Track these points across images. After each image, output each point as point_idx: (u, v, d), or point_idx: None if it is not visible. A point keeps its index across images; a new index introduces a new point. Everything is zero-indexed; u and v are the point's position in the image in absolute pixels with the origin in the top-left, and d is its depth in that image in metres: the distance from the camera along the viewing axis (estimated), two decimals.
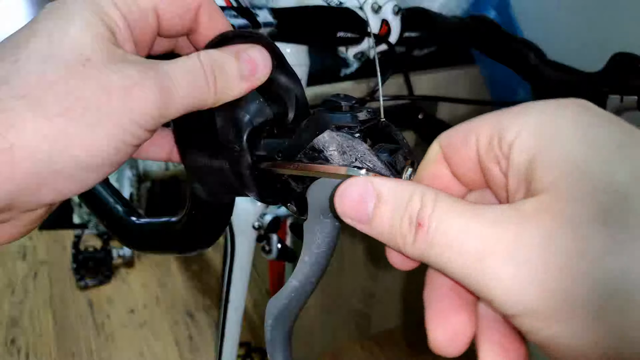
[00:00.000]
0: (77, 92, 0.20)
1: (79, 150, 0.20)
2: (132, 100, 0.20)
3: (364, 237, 0.87)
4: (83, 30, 0.20)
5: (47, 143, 0.19)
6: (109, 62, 0.20)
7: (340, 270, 1.12)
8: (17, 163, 0.19)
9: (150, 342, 1.29)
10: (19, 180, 0.19)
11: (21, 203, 0.20)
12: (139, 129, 0.21)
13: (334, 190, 0.21)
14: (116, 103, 0.20)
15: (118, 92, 0.20)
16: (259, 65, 0.24)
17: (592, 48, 0.84)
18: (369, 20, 0.54)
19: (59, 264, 1.50)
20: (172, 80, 0.22)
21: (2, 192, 0.19)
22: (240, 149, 0.25)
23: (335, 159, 0.22)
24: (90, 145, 0.20)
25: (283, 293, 0.25)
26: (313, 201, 0.23)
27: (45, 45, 0.20)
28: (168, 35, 0.25)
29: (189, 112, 0.23)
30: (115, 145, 0.21)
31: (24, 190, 0.20)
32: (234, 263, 0.71)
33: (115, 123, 0.20)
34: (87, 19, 0.21)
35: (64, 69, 0.20)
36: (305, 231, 0.24)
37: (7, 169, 0.19)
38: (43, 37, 0.20)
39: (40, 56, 0.20)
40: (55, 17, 0.21)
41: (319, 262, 0.24)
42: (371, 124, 0.23)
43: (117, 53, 0.21)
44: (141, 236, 0.44)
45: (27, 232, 0.23)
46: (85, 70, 0.20)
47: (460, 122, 0.21)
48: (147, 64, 0.21)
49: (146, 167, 1.33)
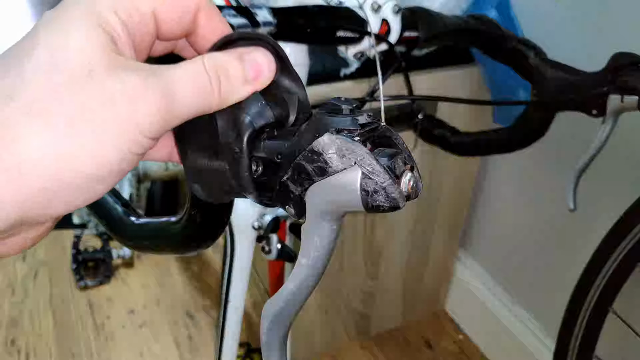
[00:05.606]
0: (81, 104, 0.20)
1: (87, 162, 0.20)
2: (136, 110, 0.20)
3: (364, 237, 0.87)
4: (84, 40, 0.20)
5: (55, 157, 0.19)
6: (112, 71, 0.20)
7: (340, 270, 1.12)
8: (26, 179, 0.19)
9: (150, 342, 1.29)
10: (29, 196, 0.19)
11: (32, 217, 0.20)
12: (145, 137, 0.21)
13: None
14: (121, 113, 0.20)
15: (122, 102, 0.20)
16: (263, 69, 0.24)
17: (592, 48, 0.84)
18: (368, 20, 0.54)
19: (58, 264, 1.50)
20: (176, 87, 0.21)
21: (13, 208, 0.19)
22: (241, 151, 0.25)
23: (334, 162, 0.22)
24: (98, 157, 0.20)
25: (280, 296, 0.25)
26: (312, 204, 0.23)
27: (47, 58, 0.20)
28: (167, 39, 0.25)
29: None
30: (121, 155, 0.21)
31: (34, 205, 0.20)
32: (233, 263, 0.71)
33: (121, 133, 0.20)
34: (87, 28, 0.20)
35: (68, 82, 0.20)
36: (303, 234, 0.24)
37: (17, 185, 0.19)
38: (45, 50, 0.20)
39: (43, 69, 0.20)
40: (55, 27, 0.21)
41: (316, 266, 0.24)
42: (371, 127, 0.23)
43: (119, 61, 0.21)
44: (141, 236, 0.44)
45: (35, 243, 0.24)
46: (88, 82, 0.20)
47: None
48: (150, 71, 0.21)
49: (146, 167, 1.33)
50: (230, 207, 0.39)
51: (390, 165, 0.22)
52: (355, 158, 0.21)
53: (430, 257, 1.25)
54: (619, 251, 0.66)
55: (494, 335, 1.24)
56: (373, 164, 0.21)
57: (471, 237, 1.29)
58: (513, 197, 1.15)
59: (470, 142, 0.68)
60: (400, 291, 1.27)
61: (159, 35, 0.24)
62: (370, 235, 1.11)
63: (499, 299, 1.22)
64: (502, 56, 0.62)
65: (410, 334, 1.32)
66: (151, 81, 0.21)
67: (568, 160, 0.68)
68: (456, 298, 1.35)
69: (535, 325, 1.14)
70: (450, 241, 1.26)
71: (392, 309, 1.30)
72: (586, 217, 0.89)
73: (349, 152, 0.22)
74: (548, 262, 1.09)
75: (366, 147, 0.22)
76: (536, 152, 0.71)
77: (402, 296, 1.28)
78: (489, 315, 1.23)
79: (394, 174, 0.22)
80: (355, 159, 0.21)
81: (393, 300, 1.28)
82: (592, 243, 0.69)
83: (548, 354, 1.06)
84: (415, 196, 0.23)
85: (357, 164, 0.21)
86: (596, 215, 0.89)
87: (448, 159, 1.04)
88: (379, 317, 1.29)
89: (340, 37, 0.53)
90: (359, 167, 0.21)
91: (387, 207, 0.22)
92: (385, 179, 0.21)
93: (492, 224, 1.22)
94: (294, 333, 1.12)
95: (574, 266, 0.72)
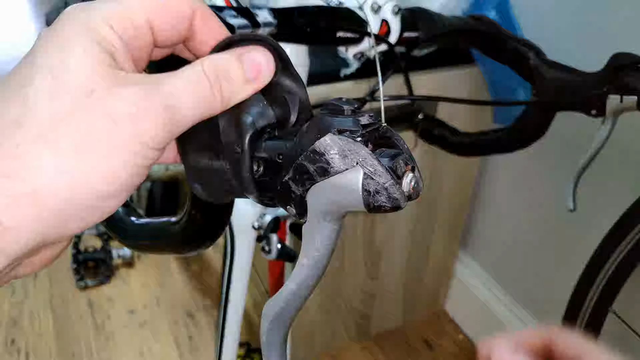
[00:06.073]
0: (86, 125, 0.20)
1: (98, 181, 0.20)
2: (140, 126, 0.20)
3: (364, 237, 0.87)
4: (83, 59, 0.20)
5: (66, 180, 0.20)
6: (112, 89, 0.20)
7: (340, 271, 1.13)
8: (41, 204, 0.19)
9: (150, 342, 1.29)
10: (46, 220, 0.20)
11: (49, 239, 0.21)
12: (150, 150, 0.21)
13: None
14: (125, 131, 0.20)
15: (126, 120, 0.20)
16: (263, 67, 0.24)
17: (592, 48, 0.84)
18: (368, 20, 0.54)
19: (59, 264, 1.50)
20: (178, 97, 0.22)
21: (31, 233, 0.20)
22: (242, 151, 0.25)
23: (336, 162, 0.22)
24: (107, 176, 0.20)
25: (280, 296, 0.25)
26: (313, 204, 0.23)
27: (49, 82, 0.20)
28: (164, 46, 0.25)
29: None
30: (130, 170, 0.21)
31: (52, 228, 0.20)
32: (233, 263, 0.71)
33: (128, 150, 0.20)
34: (85, 46, 0.20)
35: (71, 104, 0.20)
36: (304, 234, 0.24)
37: (34, 211, 0.19)
38: (46, 73, 0.20)
39: (46, 94, 0.20)
40: (53, 49, 0.21)
41: (317, 266, 0.24)
42: (373, 128, 0.23)
43: (120, 77, 0.21)
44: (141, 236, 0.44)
45: (54, 259, 0.24)
46: (90, 102, 0.20)
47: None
48: (151, 85, 0.21)
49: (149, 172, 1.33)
50: (231, 207, 0.39)
51: (391, 165, 0.22)
52: (357, 158, 0.21)
53: (430, 257, 1.25)
54: (619, 251, 0.66)
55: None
56: (375, 165, 0.21)
57: (471, 237, 1.29)
58: (513, 197, 1.15)
59: (470, 142, 0.68)
60: (401, 291, 1.27)
61: (157, 43, 0.24)
62: (370, 235, 1.11)
63: (499, 299, 1.22)
64: (502, 57, 0.62)
65: (410, 334, 1.32)
66: (153, 94, 0.21)
67: (568, 161, 0.69)
68: (456, 298, 1.35)
69: (535, 325, 1.14)
70: (450, 241, 1.26)
71: (392, 309, 1.30)
72: (586, 217, 0.89)
73: (351, 152, 0.22)
74: (548, 262, 1.09)
75: (368, 147, 0.22)
76: (536, 152, 0.71)
77: (402, 296, 1.28)
78: (489, 315, 1.23)
79: (395, 175, 0.22)
80: (357, 160, 0.21)
81: (393, 300, 1.28)
82: (592, 243, 0.69)
83: None
84: (416, 196, 0.23)
85: (359, 164, 0.21)
86: (596, 215, 0.89)
87: (448, 159, 1.04)
88: (379, 317, 1.29)
89: (340, 37, 0.53)
90: (361, 168, 0.21)
91: (389, 208, 0.22)
92: (387, 179, 0.21)
93: (492, 224, 1.23)
94: (294, 333, 1.12)
95: (574, 266, 0.73)
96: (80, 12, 0.21)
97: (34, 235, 0.20)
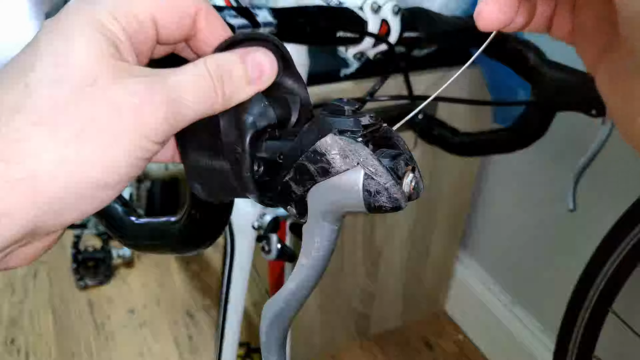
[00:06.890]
0: (88, 114, 0.20)
1: (96, 171, 0.20)
2: (142, 118, 0.20)
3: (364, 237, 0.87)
4: (86, 49, 0.20)
5: (65, 168, 0.19)
6: (116, 79, 0.20)
7: (339, 271, 1.12)
8: (38, 190, 0.19)
9: (150, 342, 1.29)
10: (41, 207, 0.19)
11: (43, 227, 0.20)
12: (151, 142, 0.21)
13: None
14: (127, 121, 0.20)
15: (128, 110, 0.20)
16: (266, 68, 0.24)
17: None
18: (368, 20, 0.54)
19: (58, 263, 1.50)
20: (179, 91, 0.22)
21: (25, 220, 0.19)
22: (243, 151, 0.25)
23: (337, 163, 0.22)
24: (106, 166, 0.20)
25: (279, 296, 0.25)
26: (314, 204, 0.23)
27: (51, 69, 0.20)
28: (167, 43, 0.25)
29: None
30: (130, 161, 0.21)
31: (47, 215, 0.20)
32: (233, 263, 0.71)
33: (128, 141, 0.20)
34: (89, 36, 0.20)
35: (73, 92, 0.20)
36: (304, 234, 0.24)
37: (29, 197, 0.19)
38: (48, 60, 0.20)
39: (48, 81, 0.20)
40: (57, 37, 0.21)
41: (316, 266, 0.24)
42: (373, 128, 0.23)
43: (123, 68, 0.21)
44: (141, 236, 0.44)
45: (45, 251, 0.24)
46: (93, 91, 0.20)
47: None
48: (155, 77, 0.21)
49: (146, 167, 1.33)
50: (230, 207, 0.39)
51: (392, 166, 0.22)
52: (358, 159, 0.22)
53: (430, 257, 1.25)
54: (619, 251, 0.66)
55: (494, 336, 1.24)
56: (376, 165, 0.21)
57: (471, 237, 1.29)
58: (513, 197, 1.15)
59: (470, 142, 0.68)
60: (400, 291, 1.27)
61: (159, 39, 0.24)
62: (370, 235, 1.11)
63: (499, 299, 1.22)
64: (502, 57, 0.62)
65: (410, 334, 1.32)
66: (156, 87, 0.21)
67: (568, 161, 0.69)
68: (456, 298, 1.35)
69: (535, 325, 1.14)
70: (450, 241, 1.26)
71: (392, 309, 1.30)
72: (586, 217, 0.89)
73: (352, 152, 0.22)
74: (548, 262, 1.09)
75: (368, 148, 0.22)
76: (536, 153, 0.71)
77: (402, 296, 1.28)
78: (489, 315, 1.23)
79: (396, 175, 0.22)
80: (358, 160, 0.22)
81: (393, 301, 1.28)
82: (592, 243, 0.69)
83: (548, 354, 1.06)
84: (417, 196, 0.23)
85: (360, 164, 0.21)
86: (596, 215, 0.89)
87: (448, 159, 1.03)
88: (379, 317, 1.29)
89: (340, 37, 0.53)
90: (362, 168, 0.21)
91: (389, 208, 0.22)
92: (388, 179, 0.21)
93: (492, 224, 1.23)
94: (293, 333, 1.12)
95: (574, 266, 0.73)
96: (85, 4, 0.21)
97: (27, 223, 0.19)
